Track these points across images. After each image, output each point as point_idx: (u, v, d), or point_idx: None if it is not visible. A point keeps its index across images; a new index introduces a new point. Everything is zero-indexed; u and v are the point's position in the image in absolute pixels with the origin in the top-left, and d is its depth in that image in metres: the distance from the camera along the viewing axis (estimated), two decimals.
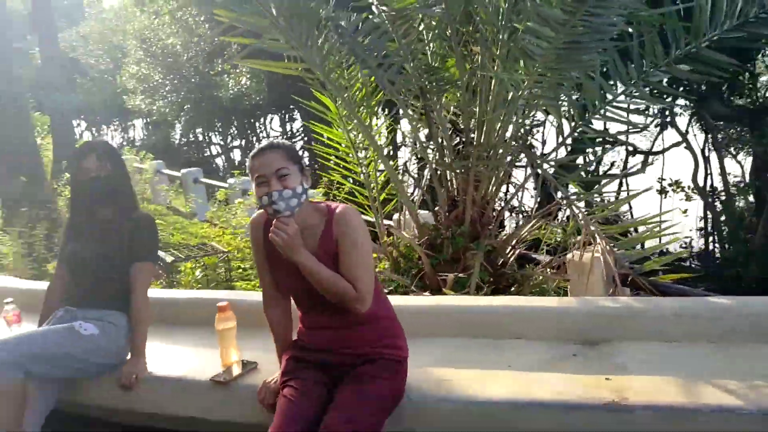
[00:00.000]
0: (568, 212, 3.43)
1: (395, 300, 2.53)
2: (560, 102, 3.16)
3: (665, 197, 13.19)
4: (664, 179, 13.46)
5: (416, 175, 3.80)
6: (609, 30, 2.70)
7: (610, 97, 3.23)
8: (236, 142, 27.17)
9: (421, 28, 3.39)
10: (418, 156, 3.79)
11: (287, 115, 24.46)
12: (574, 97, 3.23)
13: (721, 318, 2.28)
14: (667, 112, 13.16)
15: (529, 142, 3.70)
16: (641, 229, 3.73)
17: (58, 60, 13.06)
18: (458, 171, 3.39)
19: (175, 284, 4.25)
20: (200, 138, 28.17)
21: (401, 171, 3.94)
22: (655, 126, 14.22)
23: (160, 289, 3.67)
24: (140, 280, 2.57)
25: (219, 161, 28.05)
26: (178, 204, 9.70)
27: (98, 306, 2.56)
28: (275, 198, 1.90)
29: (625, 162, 15.41)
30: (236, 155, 27.01)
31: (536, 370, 2.19)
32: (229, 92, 15.76)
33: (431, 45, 3.56)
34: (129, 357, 2.55)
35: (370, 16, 3.27)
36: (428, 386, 2.10)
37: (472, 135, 3.42)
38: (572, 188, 3.48)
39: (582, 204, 3.45)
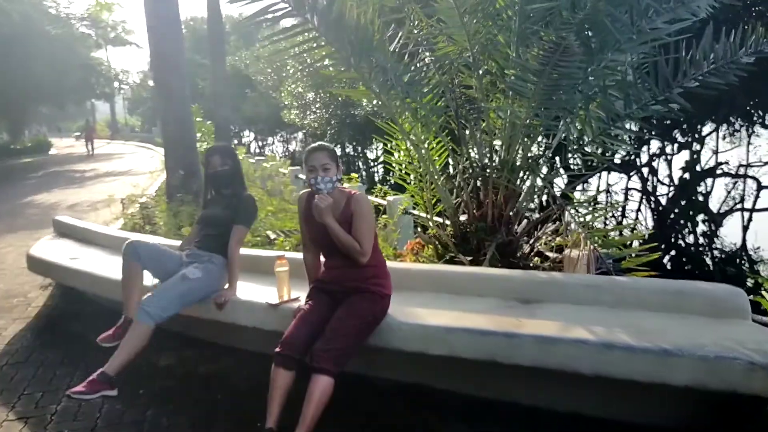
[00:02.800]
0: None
1: (408, 265, 3.61)
2: (559, 130, 4.04)
3: None
4: None
5: (458, 183, 4.75)
6: (578, 77, 3.58)
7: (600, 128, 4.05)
8: (380, 157, 28.69)
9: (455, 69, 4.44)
10: (454, 168, 4.77)
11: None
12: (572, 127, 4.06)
13: (614, 291, 3.12)
14: None
15: (542, 161, 4.53)
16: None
17: (226, 79, 15.38)
18: (481, 180, 4.36)
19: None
20: (350, 152, 30.11)
21: (450, 178, 4.91)
22: None
23: (252, 249, 4.99)
24: (236, 236, 3.84)
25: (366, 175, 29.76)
26: None
27: (210, 249, 3.88)
28: (319, 181, 3.06)
29: (756, 196, 15.04)
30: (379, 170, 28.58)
31: (480, 314, 3.14)
32: (362, 111, 17.32)
33: (471, 81, 4.56)
34: (226, 286, 3.83)
35: (417, 60, 4.38)
36: (398, 316, 3.13)
37: (494, 153, 4.38)
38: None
39: (583, 211, 4.29)
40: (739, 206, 14.85)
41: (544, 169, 4.73)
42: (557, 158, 4.90)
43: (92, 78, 34.13)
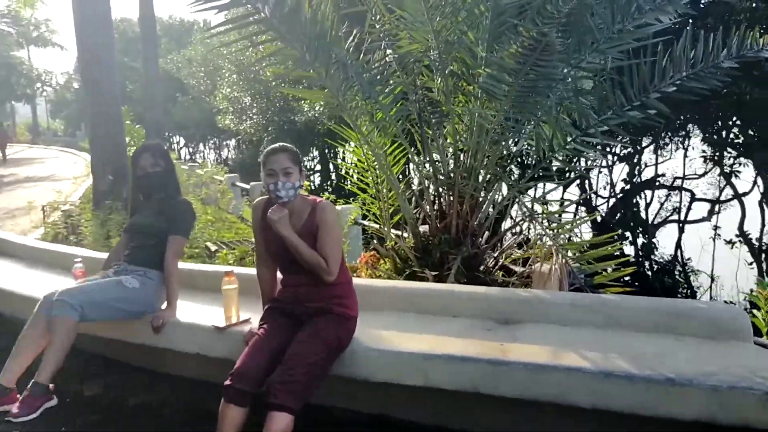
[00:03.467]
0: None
1: (370, 281, 3.24)
2: (525, 135, 3.79)
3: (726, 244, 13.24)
4: (719, 227, 13.52)
5: (418, 192, 4.44)
6: (556, 77, 3.33)
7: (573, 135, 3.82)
8: (317, 166, 28.26)
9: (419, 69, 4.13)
10: (415, 175, 4.47)
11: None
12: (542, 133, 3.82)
13: (602, 310, 2.85)
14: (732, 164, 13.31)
15: (509, 169, 4.28)
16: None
17: (158, 81, 14.62)
18: (444, 188, 4.06)
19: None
20: None
21: (410, 187, 4.59)
22: (719, 175, 14.32)
23: (194, 263, 4.52)
24: (173, 248, 3.38)
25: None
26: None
27: (143, 263, 3.39)
28: (280, 187, 2.65)
29: (688, 208, 15.46)
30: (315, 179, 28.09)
31: (456, 337, 2.81)
32: (303, 117, 16.89)
33: (435, 81, 4.25)
34: (164, 306, 3.36)
35: (380, 57, 4.04)
36: (365, 340, 2.76)
37: (460, 159, 4.09)
38: (538, 209, 4.07)
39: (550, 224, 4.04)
40: (673, 218, 15.20)
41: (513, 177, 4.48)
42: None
43: (12, 78, 32.29)
